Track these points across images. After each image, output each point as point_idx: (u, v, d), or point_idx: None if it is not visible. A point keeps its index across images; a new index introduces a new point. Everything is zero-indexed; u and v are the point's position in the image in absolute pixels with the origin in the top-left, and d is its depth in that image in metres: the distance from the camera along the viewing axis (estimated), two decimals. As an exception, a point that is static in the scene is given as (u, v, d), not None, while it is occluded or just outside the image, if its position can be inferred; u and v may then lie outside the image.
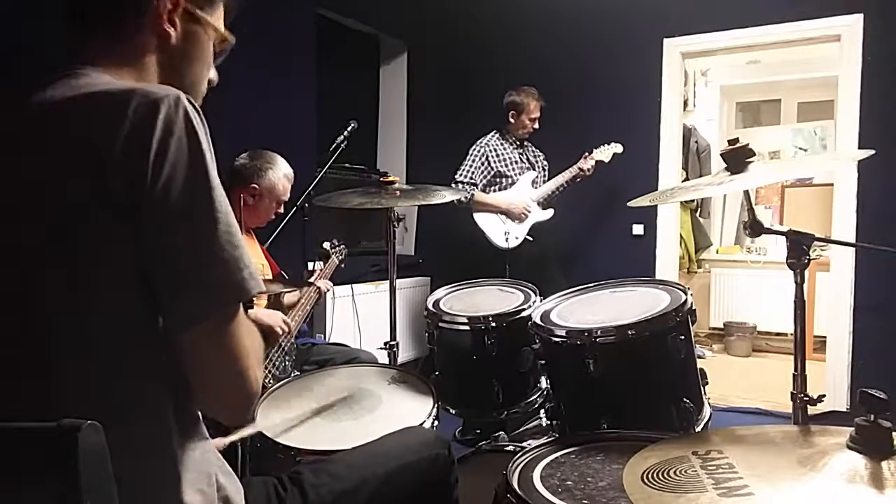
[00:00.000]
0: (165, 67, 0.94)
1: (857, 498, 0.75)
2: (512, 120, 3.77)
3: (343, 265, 2.74)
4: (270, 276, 2.49)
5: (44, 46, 1.69)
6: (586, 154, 3.76)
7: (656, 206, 4.03)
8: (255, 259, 2.49)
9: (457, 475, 1.26)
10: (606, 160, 3.79)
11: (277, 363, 2.33)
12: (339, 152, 3.10)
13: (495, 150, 3.75)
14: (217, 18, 0.99)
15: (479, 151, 3.74)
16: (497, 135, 3.81)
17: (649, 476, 0.85)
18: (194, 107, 0.81)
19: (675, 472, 0.85)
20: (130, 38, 0.91)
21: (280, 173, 2.52)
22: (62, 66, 0.88)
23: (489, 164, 3.73)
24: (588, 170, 3.73)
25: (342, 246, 2.75)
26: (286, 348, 2.39)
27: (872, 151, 1.55)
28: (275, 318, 2.33)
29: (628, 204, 1.78)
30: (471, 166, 3.71)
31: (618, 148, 3.81)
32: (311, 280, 2.59)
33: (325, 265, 2.68)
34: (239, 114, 2.82)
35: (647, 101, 4.10)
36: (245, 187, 2.47)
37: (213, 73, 1.02)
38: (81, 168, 0.77)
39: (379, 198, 2.25)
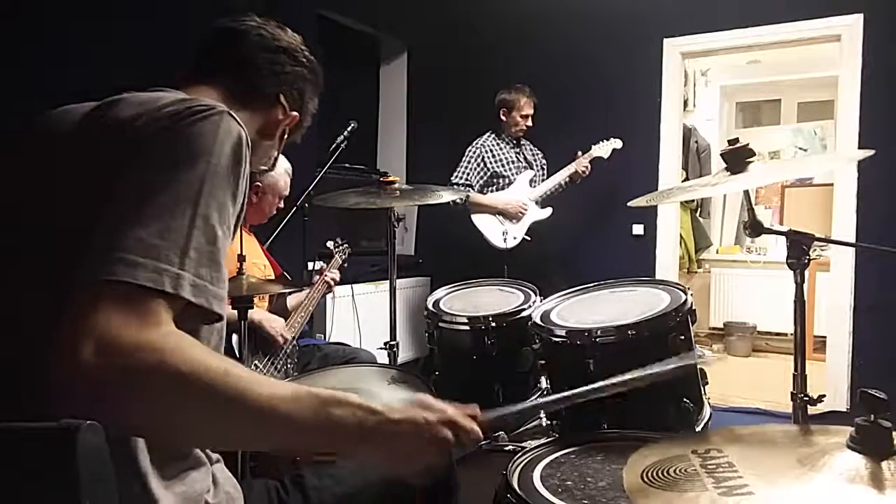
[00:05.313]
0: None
1: (857, 497, 0.75)
2: (503, 118, 3.76)
3: (346, 264, 2.74)
4: (272, 277, 2.48)
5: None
6: (580, 152, 3.75)
7: (656, 206, 4.03)
8: (255, 259, 2.48)
9: (457, 480, 1.26)
10: (605, 156, 3.78)
11: (279, 366, 2.33)
12: (339, 152, 3.10)
13: (491, 150, 3.74)
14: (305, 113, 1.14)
15: (474, 152, 3.73)
16: (493, 135, 3.80)
17: (649, 475, 0.85)
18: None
19: (674, 471, 0.85)
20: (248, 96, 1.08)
21: (281, 169, 2.51)
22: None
23: (485, 164, 3.72)
24: (585, 167, 3.72)
25: (345, 245, 2.75)
26: (288, 351, 2.39)
27: (872, 151, 1.55)
28: (276, 326, 2.34)
29: (628, 204, 1.78)
30: (466, 167, 3.70)
31: (617, 143, 3.80)
32: (319, 275, 2.58)
33: (328, 265, 2.68)
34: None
35: (647, 101, 4.09)
36: (249, 186, 2.46)
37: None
38: None
39: (378, 198, 2.24)
